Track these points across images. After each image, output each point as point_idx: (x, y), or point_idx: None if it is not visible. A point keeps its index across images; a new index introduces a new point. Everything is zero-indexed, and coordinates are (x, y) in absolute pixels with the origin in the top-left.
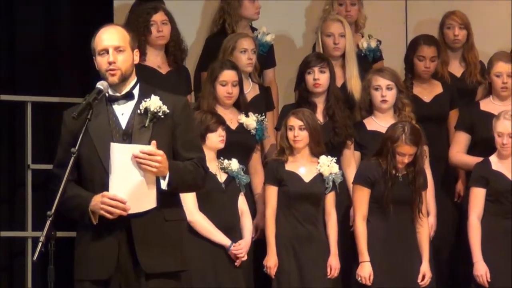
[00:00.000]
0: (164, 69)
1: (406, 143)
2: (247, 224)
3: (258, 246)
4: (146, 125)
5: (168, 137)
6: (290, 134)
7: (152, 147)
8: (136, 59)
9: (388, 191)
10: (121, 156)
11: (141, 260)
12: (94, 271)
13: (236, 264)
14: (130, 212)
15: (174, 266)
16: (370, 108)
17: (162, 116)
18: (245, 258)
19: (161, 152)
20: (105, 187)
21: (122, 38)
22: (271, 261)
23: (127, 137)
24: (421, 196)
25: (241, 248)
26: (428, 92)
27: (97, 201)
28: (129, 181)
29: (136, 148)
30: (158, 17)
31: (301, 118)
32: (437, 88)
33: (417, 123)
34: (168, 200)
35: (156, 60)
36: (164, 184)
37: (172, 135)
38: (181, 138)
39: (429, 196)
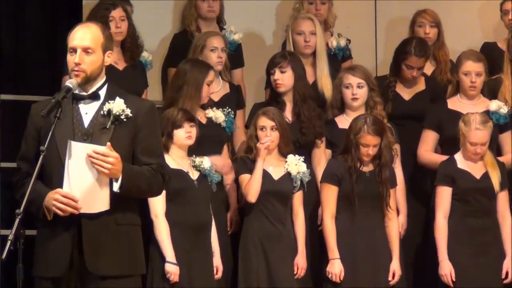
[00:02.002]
0: (120, 65)
1: (368, 133)
2: (213, 238)
3: (234, 240)
4: (107, 126)
5: (128, 141)
6: (262, 135)
7: (105, 148)
8: (108, 61)
9: (353, 185)
10: (78, 154)
11: (88, 261)
12: (49, 269)
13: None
14: (82, 211)
15: (123, 270)
16: (341, 106)
17: (125, 119)
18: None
19: (115, 154)
20: (61, 184)
21: (93, 39)
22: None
23: (87, 137)
24: (389, 190)
25: (218, 275)
26: (409, 90)
27: (51, 197)
28: (83, 180)
29: (90, 148)
30: (117, 13)
31: (272, 119)
32: (419, 86)
33: (389, 122)
34: (121, 204)
35: (112, 56)
36: (116, 187)
37: (133, 139)
38: (141, 144)
39: (400, 195)
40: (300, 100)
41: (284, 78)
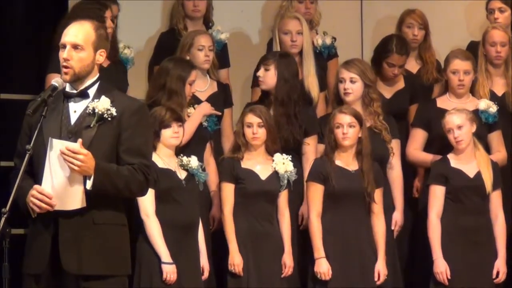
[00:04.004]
0: (105, 63)
1: (340, 111)
2: (200, 237)
3: (215, 239)
4: (91, 125)
5: (111, 140)
6: (249, 131)
7: (76, 145)
8: (101, 59)
9: (330, 164)
10: (55, 151)
11: (63, 259)
12: (31, 266)
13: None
14: (57, 208)
15: (102, 269)
16: (341, 101)
17: (109, 119)
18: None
19: (84, 151)
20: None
21: (84, 36)
22: (236, 259)
23: (72, 135)
24: (373, 184)
25: (204, 275)
26: (389, 88)
27: (30, 194)
28: (59, 177)
29: (64, 145)
30: (108, 13)
31: (259, 115)
32: (399, 84)
33: (384, 118)
34: (100, 203)
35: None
36: (88, 185)
37: (117, 138)
38: (125, 143)
39: (397, 191)
40: (278, 103)
41: (266, 77)
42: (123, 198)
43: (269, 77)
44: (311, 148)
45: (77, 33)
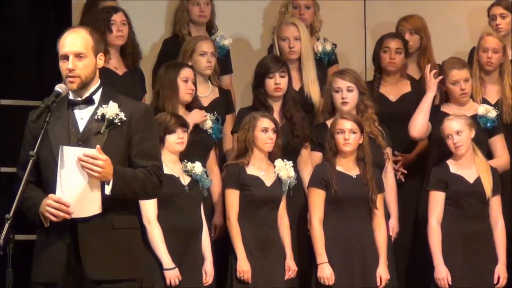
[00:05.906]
0: (120, 70)
1: (341, 117)
2: (205, 243)
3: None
4: (102, 131)
5: (123, 144)
6: (265, 136)
7: (95, 151)
8: (100, 63)
9: (331, 169)
10: (69, 159)
11: (86, 266)
12: (44, 274)
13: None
14: (74, 216)
15: (121, 274)
16: (332, 110)
17: (119, 123)
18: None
19: (104, 156)
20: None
21: (84, 43)
22: (245, 266)
23: (82, 142)
24: (375, 189)
25: (207, 281)
26: (395, 91)
27: (44, 203)
28: (74, 184)
29: (80, 151)
30: (118, 17)
31: (273, 121)
32: (405, 87)
33: (379, 125)
34: (117, 207)
35: (112, 61)
36: (107, 190)
37: (127, 142)
38: (136, 147)
39: (391, 198)
40: (292, 103)
41: (284, 83)
42: (135, 202)
43: (286, 83)
44: (308, 152)
45: (76, 41)
